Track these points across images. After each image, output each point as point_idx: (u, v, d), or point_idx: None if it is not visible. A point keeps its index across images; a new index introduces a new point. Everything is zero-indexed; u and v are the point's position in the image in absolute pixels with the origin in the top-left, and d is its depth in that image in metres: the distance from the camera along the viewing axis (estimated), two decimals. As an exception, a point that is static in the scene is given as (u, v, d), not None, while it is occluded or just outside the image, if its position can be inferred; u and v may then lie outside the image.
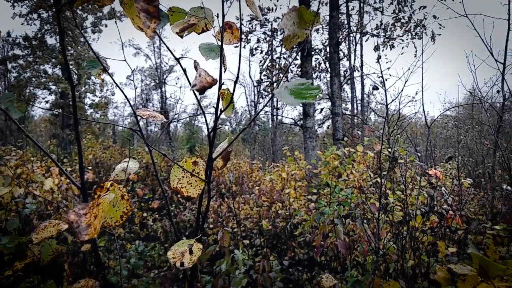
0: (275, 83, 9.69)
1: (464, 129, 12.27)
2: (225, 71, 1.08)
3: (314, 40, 11.14)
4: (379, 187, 2.39)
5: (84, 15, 19.12)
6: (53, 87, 18.97)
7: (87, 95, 20.51)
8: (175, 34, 1.03)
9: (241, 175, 7.15)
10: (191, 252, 0.89)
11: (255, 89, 22.79)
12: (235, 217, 4.14)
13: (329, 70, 8.36)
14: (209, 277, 2.98)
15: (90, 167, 7.27)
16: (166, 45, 1.17)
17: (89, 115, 20.43)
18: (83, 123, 16.90)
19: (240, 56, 1.05)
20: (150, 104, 28.98)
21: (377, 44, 9.46)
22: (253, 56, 11.00)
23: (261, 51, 10.89)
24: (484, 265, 1.00)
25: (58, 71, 18.95)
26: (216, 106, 1.08)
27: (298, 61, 8.54)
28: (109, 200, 0.89)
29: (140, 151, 9.18)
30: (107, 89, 21.26)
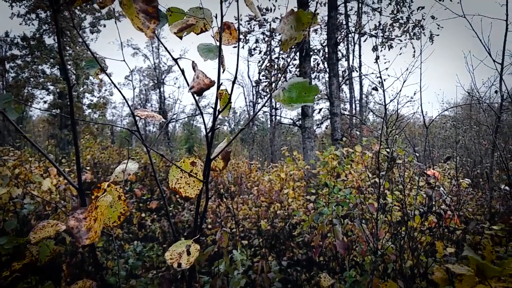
0: (273, 83, 9.68)
1: (462, 129, 12.31)
2: (223, 72, 1.08)
3: (312, 40, 11.15)
4: (378, 187, 2.39)
5: (82, 15, 19.10)
6: (51, 87, 18.93)
7: (85, 95, 20.50)
8: (174, 34, 1.03)
9: (240, 175, 7.14)
10: (188, 253, 0.89)
11: (254, 89, 22.86)
12: (233, 218, 4.13)
13: (327, 70, 8.38)
14: (208, 278, 2.98)
15: (88, 167, 7.25)
16: (164, 45, 1.17)
17: (87, 115, 20.39)
18: (81, 124, 16.86)
19: (238, 56, 1.05)
20: (148, 104, 28.99)
21: (376, 44, 9.50)
22: (252, 56, 11.01)
23: (260, 51, 10.90)
24: (481, 267, 1.00)
25: (56, 71, 18.92)
26: (214, 106, 1.08)
27: (296, 61, 8.54)
28: (108, 202, 0.89)
29: (138, 151, 9.15)
30: (106, 89, 21.25)
